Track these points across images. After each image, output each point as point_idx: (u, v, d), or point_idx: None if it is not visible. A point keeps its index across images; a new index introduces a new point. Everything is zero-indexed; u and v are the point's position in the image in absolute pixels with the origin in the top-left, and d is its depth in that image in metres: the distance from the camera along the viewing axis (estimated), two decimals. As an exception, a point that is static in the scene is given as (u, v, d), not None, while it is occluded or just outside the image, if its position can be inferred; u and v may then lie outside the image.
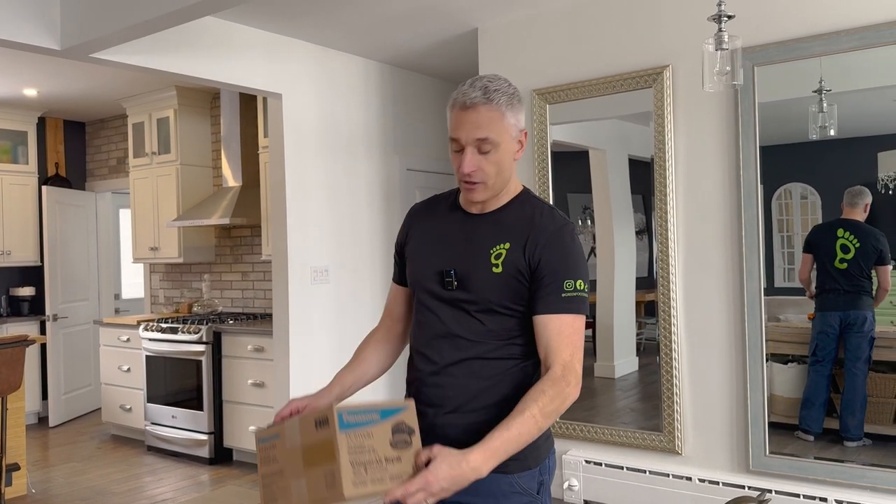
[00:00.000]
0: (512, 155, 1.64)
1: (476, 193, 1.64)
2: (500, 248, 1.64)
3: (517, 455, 1.58)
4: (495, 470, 1.55)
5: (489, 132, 1.58)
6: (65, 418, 6.49)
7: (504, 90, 1.61)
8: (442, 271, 1.68)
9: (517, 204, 1.71)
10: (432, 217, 1.80)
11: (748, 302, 3.58)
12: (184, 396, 5.32)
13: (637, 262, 4.22)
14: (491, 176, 1.61)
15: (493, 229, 1.68)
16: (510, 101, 1.61)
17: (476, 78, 1.64)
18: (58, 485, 4.77)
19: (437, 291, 1.69)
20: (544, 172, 4.22)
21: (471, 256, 1.67)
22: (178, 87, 5.84)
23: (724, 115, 3.66)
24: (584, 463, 4.04)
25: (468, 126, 1.58)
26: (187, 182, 5.97)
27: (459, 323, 1.66)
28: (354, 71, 4.96)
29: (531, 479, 1.65)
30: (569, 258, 1.62)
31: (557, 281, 1.60)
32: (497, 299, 1.63)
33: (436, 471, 1.41)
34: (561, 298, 1.59)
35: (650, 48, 3.86)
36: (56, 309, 6.36)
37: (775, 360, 3.64)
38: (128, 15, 3.18)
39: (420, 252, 1.77)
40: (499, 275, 1.63)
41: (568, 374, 1.56)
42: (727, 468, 3.66)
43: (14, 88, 5.84)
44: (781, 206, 3.62)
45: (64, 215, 6.56)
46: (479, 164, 1.59)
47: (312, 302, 4.61)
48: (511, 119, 1.61)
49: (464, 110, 1.59)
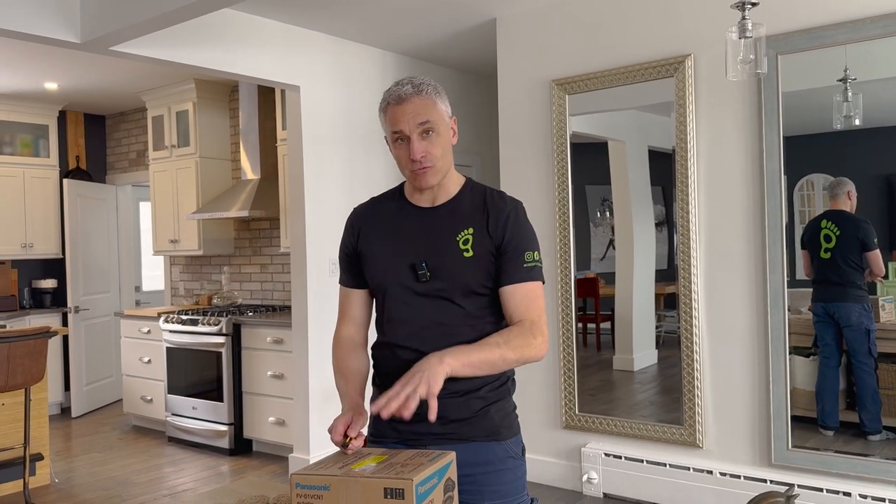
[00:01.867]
0: (449, 139, 1.76)
1: (428, 178, 1.73)
2: (466, 234, 1.74)
3: (506, 423, 1.78)
4: (490, 438, 1.75)
5: (428, 116, 1.70)
6: (87, 409, 6.56)
7: (429, 82, 1.74)
8: (413, 264, 1.74)
9: (466, 193, 1.80)
10: (382, 215, 1.84)
11: (771, 294, 3.53)
12: (204, 388, 5.35)
13: (657, 255, 4.18)
14: (438, 158, 1.72)
15: (452, 218, 1.76)
16: (437, 90, 1.74)
17: (399, 80, 1.76)
18: (80, 475, 4.82)
19: (411, 285, 1.74)
20: (563, 164, 4.19)
21: (438, 246, 1.74)
22: (196, 80, 5.85)
23: (746, 104, 3.60)
24: (604, 456, 4.01)
25: (409, 115, 1.69)
26: (206, 175, 5.99)
27: (441, 311, 1.73)
28: (372, 62, 4.94)
29: (517, 444, 1.81)
30: (526, 233, 1.76)
31: (520, 254, 1.73)
32: (476, 281, 1.73)
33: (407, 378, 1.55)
34: (524, 268, 1.73)
35: (671, 37, 3.81)
36: (78, 301, 6.42)
37: (796, 353, 3.60)
38: (146, 7, 3.18)
39: (381, 251, 1.80)
40: (472, 258, 1.72)
41: (534, 329, 1.69)
42: (749, 462, 3.63)
43: (35, 82, 5.88)
44: (804, 198, 3.57)
45: (85, 208, 6.62)
46: (426, 149, 1.70)
47: (331, 294, 4.61)
48: (441, 106, 1.74)
49: (400, 104, 1.70)
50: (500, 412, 1.77)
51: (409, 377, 1.54)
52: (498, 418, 1.76)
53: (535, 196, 4.29)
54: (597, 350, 4.63)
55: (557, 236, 4.21)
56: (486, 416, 1.74)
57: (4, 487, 4.34)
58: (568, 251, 4.19)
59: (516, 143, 4.41)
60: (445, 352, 1.59)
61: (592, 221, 4.40)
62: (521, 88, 4.37)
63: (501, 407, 1.78)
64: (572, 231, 4.19)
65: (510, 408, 1.81)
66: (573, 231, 4.19)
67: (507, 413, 1.80)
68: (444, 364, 1.56)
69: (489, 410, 1.75)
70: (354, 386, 1.80)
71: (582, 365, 4.26)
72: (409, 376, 1.54)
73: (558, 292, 4.22)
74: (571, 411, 4.19)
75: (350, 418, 1.68)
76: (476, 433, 1.74)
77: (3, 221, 6.35)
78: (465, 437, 1.73)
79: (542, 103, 4.28)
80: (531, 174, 4.33)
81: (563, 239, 4.19)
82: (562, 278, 4.21)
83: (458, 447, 1.69)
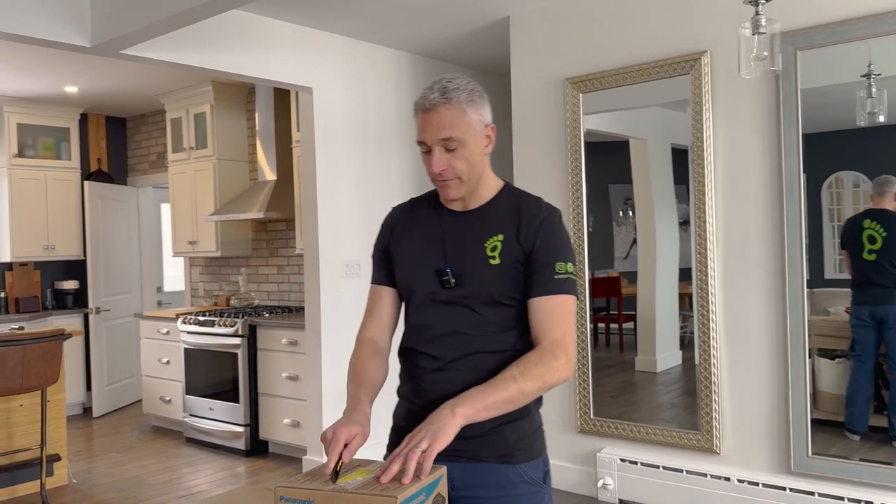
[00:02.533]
0: (481, 150, 1.66)
1: (451, 190, 1.66)
2: (495, 241, 1.66)
3: (523, 445, 1.64)
4: (503, 460, 1.62)
5: (452, 131, 1.60)
6: (108, 409, 6.63)
7: (462, 87, 1.63)
8: (439, 270, 1.68)
9: (502, 198, 1.72)
10: (416, 219, 1.79)
11: (790, 295, 3.44)
12: (221, 389, 5.37)
13: (681, 254, 4.10)
14: (463, 172, 1.63)
15: (483, 224, 1.69)
16: (470, 98, 1.63)
17: (435, 80, 1.66)
18: (98, 475, 4.86)
19: (435, 291, 1.68)
20: (577, 164, 4.12)
21: (465, 253, 1.67)
22: (213, 82, 5.87)
23: (764, 102, 3.51)
24: (619, 461, 3.94)
25: (432, 127, 1.61)
26: (224, 176, 6.01)
27: (462, 319, 1.66)
28: (385, 62, 4.92)
29: (537, 469, 1.67)
30: (559, 242, 1.65)
31: (550, 264, 1.62)
32: (500, 291, 1.64)
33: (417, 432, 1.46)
34: (554, 280, 1.62)
35: (687, 33, 3.73)
36: (99, 302, 6.49)
37: (822, 356, 3.51)
38: (155, 10, 3.18)
39: (410, 254, 1.75)
40: (498, 266, 1.64)
41: (556, 349, 1.57)
42: (767, 469, 3.54)
43: (55, 86, 5.94)
44: (832, 195, 3.46)
45: (106, 210, 6.68)
46: (448, 162, 1.62)
47: (344, 295, 4.59)
48: (473, 115, 1.63)
49: (426, 113, 1.62)
50: (516, 432, 1.64)
51: (415, 432, 1.45)
52: (513, 439, 1.63)
53: (548, 196, 4.17)
54: (619, 351, 4.56)
55: (572, 234, 4.15)
56: (500, 435, 1.63)
57: (23, 487, 4.39)
58: (582, 251, 4.13)
59: (530, 143, 4.35)
60: (458, 400, 1.49)
61: (615, 220, 4.34)
62: (535, 87, 4.32)
63: (519, 427, 1.64)
64: (586, 231, 4.13)
65: (530, 428, 1.67)
66: (587, 230, 4.13)
67: (526, 434, 1.66)
68: (457, 416, 1.46)
69: (503, 429, 1.62)
70: (367, 394, 1.67)
71: (603, 366, 4.19)
72: (416, 431, 1.46)
73: (573, 294, 4.15)
74: (586, 415, 4.13)
75: (352, 433, 1.52)
76: (486, 453, 1.63)
77: (25, 223, 6.43)
78: (474, 457, 1.63)
79: (555, 102, 4.21)
80: (545, 174, 4.27)
81: (577, 239, 4.13)
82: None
83: (467, 466, 1.62)
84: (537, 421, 1.70)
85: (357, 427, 1.54)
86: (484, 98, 1.67)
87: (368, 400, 1.66)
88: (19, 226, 6.39)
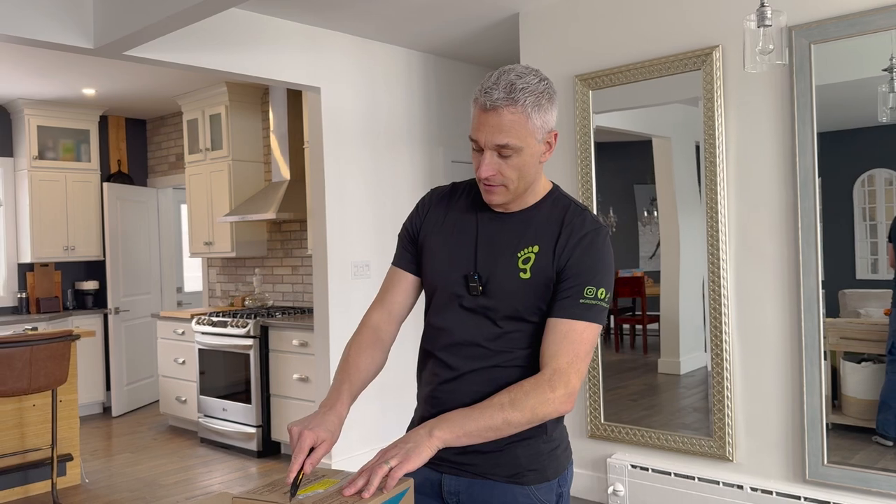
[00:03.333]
0: (537, 158, 1.51)
1: (494, 197, 1.52)
2: (529, 252, 1.52)
3: (535, 465, 1.53)
4: (512, 480, 1.52)
5: (510, 138, 1.44)
6: (127, 409, 6.68)
7: (532, 89, 1.45)
8: (466, 275, 1.55)
9: (547, 204, 1.57)
10: (453, 209, 1.64)
11: (805, 298, 3.32)
12: (234, 390, 5.37)
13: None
14: (512, 180, 1.49)
15: (521, 231, 1.55)
16: (537, 102, 1.45)
17: (504, 70, 1.48)
18: (110, 475, 4.89)
19: (462, 296, 1.56)
20: (587, 163, 4.03)
21: (496, 260, 1.54)
22: (228, 83, 5.88)
23: (778, 97, 3.39)
24: (630, 467, 3.85)
25: (489, 129, 1.45)
26: (239, 177, 6.02)
27: (481, 330, 1.55)
28: (394, 62, 4.87)
29: (549, 492, 1.56)
30: (597, 264, 1.50)
31: (579, 285, 1.48)
32: (525, 307, 1.52)
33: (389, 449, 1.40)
34: (578, 304, 1.47)
35: (698, 28, 3.62)
36: (118, 302, 6.54)
37: (848, 359, 3.38)
38: (153, 11, 3.17)
39: (440, 250, 1.62)
40: (527, 281, 1.51)
41: (556, 379, 1.44)
42: (782, 477, 3.42)
43: (73, 88, 6.00)
44: (864, 194, 3.33)
45: (125, 211, 6.73)
46: (498, 169, 1.48)
47: (353, 296, 4.56)
48: (537, 121, 1.46)
49: (485, 112, 1.45)
50: (528, 451, 1.53)
51: (389, 448, 1.38)
52: (525, 458, 1.53)
53: (558, 196, 4.14)
54: (643, 352, 4.46)
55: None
56: (510, 454, 1.53)
57: (35, 487, 4.43)
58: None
59: (540, 142, 4.26)
60: (438, 422, 1.41)
61: (640, 221, 4.24)
62: (545, 85, 4.23)
63: (533, 446, 1.54)
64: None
65: (546, 447, 1.55)
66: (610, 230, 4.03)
67: (540, 454, 1.54)
68: (434, 438, 1.37)
69: (515, 448, 1.52)
70: (349, 390, 1.57)
71: (626, 368, 4.10)
72: (390, 446, 1.39)
73: (583, 296, 4.06)
74: (597, 420, 4.04)
75: (318, 439, 1.43)
76: (495, 471, 1.53)
77: (46, 225, 6.51)
78: (482, 473, 1.54)
79: (565, 99, 4.13)
80: (555, 173, 4.19)
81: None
82: (586, 281, 4.05)
83: (473, 482, 1.55)
84: (556, 440, 1.58)
85: (325, 433, 1.46)
86: (553, 101, 1.49)
87: (350, 397, 1.57)
88: (40, 227, 6.47)
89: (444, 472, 1.58)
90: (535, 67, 1.51)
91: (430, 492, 1.61)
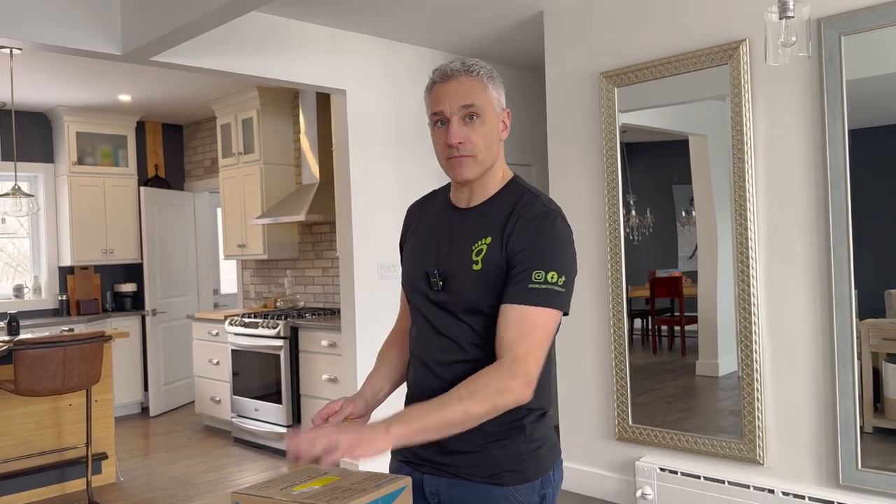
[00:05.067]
0: (497, 132, 1.55)
1: (464, 168, 1.53)
2: (482, 244, 1.53)
3: (514, 466, 1.51)
4: (490, 481, 1.51)
5: (474, 99, 1.51)
6: (164, 409, 6.81)
7: (482, 65, 1.55)
8: (427, 272, 1.59)
9: (504, 194, 1.58)
10: (426, 214, 1.71)
11: (836, 298, 3.22)
12: (265, 390, 5.43)
13: None
14: (480, 149, 1.52)
15: (477, 224, 1.56)
16: (490, 74, 1.55)
17: (451, 59, 1.59)
18: (145, 474, 4.98)
19: (426, 292, 1.60)
20: (612, 161, 3.98)
21: (453, 254, 1.57)
22: (259, 87, 5.96)
23: (807, 92, 3.30)
24: (659, 471, 3.78)
25: (452, 95, 1.51)
26: (270, 180, 6.09)
27: (448, 326, 1.56)
28: (419, 62, 4.87)
29: (531, 493, 1.54)
30: (546, 247, 1.47)
31: (528, 270, 1.46)
32: (480, 299, 1.51)
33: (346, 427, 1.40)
34: (528, 289, 1.44)
35: (725, 21, 3.55)
36: (155, 304, 6.67)
37: (891, 361, 3.28)
38: (176, 16, 3.22)
39: (410, 252, 1.69)
40: (478, 272, 1.51)
41: (515, 367, 1.41)
42: (814, 482, 3.33)
43: (109, 95, 6.14)
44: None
45: (162, 215, 6.87)
46: (466, 135, 1.51)
47: (379, 298, 4.57)
48: (493, 92, 1.54)
49: (445, 81, 1.53)
50: (505, 451, 1.52)
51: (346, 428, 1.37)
52: (503, 459, 1.51)
53: (585, 194, 4.10)
54: (681, 354, 4.38)
55: (608, 234, 4.01)
56: (486, 454, 1.51)
57: (71, 485, 4.53)
58: (619, 251, 3.98)
59: (565, 140, 4.23)
60: (395, 418, 1.37)
61: (679, 221, 4.18)
62: (569, 82, 4.19)
63: (509, 446, 1.52)
64: (622, 229, 3.98)
65: (526, 448, 1.53)
66: (623, 228, 3.98)
67: (519, 454, 1.52)
68: (390, 435, 1.34)
69: (491, 448, 1.51)
70: (377, 374, 1.75)
71: (663, 370, 4.04)
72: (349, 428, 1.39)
73: (609, 297, 4.01)
74: (624, 422, 3.98)
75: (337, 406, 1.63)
76: (471, 471, 1.53)
77: (85, 229, 6.67)
78: (461, 474, 1.54)
79: (590, 97, 4.08)
80: (581, 172, 4.15)
81: (614, 238, 3.99)
82: (612, 281, 4.00)
83: (453, 483, 1.55)
84: (538, 440, 1.55)
85: (347, 402, 1.65)
86: (501, 81, 1.59)
87: (371, 383, 1.73)
88: (79, 231, 6.63)
89: (424, 473, 1.58)
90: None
91: (414, 492, 1.59)
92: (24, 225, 6.83)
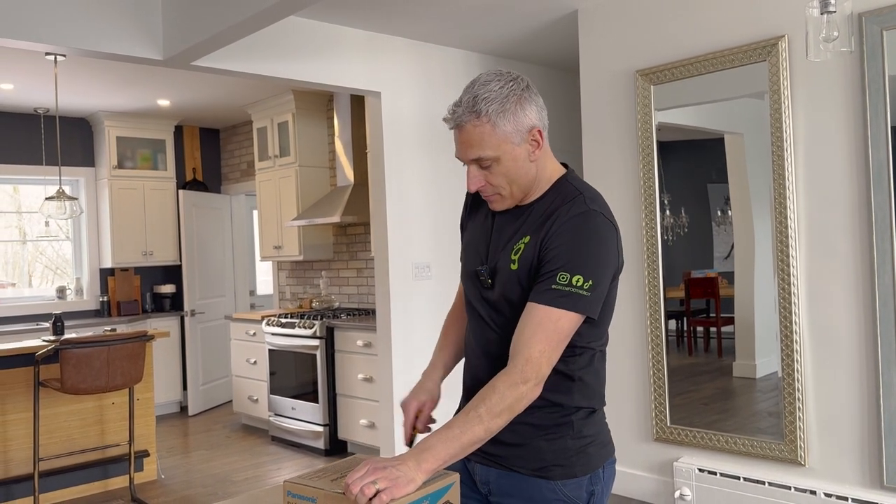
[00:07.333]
0: (524, 159, 1.52)
1: (496, 205, 1.60)
2: (521, 243, 1.55)
3: (562, 461, 1.53)
4: (536, 474, 1.54)
5: (481, 150, 1.49)
6: (202, 408, 6.92)
7: (493, 97, 1.47)
8: (477, 270, 1.63)
9: (550, 194, 1.58)
10: (481, 206, 1.74)
11: (880, 297, 3.17)
12: (302, 389, 5.49)
13: None
14: (503, 187, 1.54)
15: (519, 223, 1.59)
16: (502, 108, 1.47)
17: (471, 83, 1.52)
18: (185, 471, 5.07)
19: (477, 287, 1.65)
20: (649, 160, 3.96)
21: (497, 253, 1.60)
22: (294, 91, 6.03)
23: (849, 89, 3.26)
24: (697, 471, 3.75)
25: (461, 146, 1.52)
26: (306, 182, 6.17)
27: (495, 321, 1.60)
28: (453, 64, 4.89)
29: (578, 488, 1.55)
30: (575, 249, 1.46)
31: (554, 271, 1.46)
32: (517, 298, 1.53)
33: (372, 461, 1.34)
34: (551, 289, 1.45)
35: (763, 17, 3.51)
36: (194, 305, 6.78)
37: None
38: (219, 20, 3.28)
39: (466, 247, 1.74)
40: (514, 272, 1.54)
41: (527, 370, 1.43)
42: (858, 483, 3.27)
43: (148, 99, 6.26)
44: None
45: (200, 217, 6.98)
46: (484, 179, 1.54)
47: (415, 298, 4.60)
48: (507, 127, 1.48)
49: (455, 129, 1.53)
50: (552, 446, 1.54)
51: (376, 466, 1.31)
52: (549, 453, 1.54)
53: (620, 194, 4.08)
54: (718, 356, 4.34)
55: (644, 235, 3.99)
56: (534, 447, 1.54)
57: (114, 481, 4.63)
58: (655, 251, 3.96)
59: (600, 139, 4.22)
60: (421, 452, 1.35)
61: (714, 220, 4.14)
62: (604, 81, 4.18)
63: (558, 442, 1.54)
64: (659, 228, 3.96)
65: (574, 444, 1.55)
66: (660, 227, 3.95)
67: (567, 449, 1.54)
68: (421, 471, 1.32)
69: (538, 441, 1.54)
70: (443, 358, 1.79)
71: (700, 371, 4.00)
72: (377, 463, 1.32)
73: (646, 298, 3.99)
74: (662, 423, 3.95)
75: (420, 403, 1.69)
76: (520, 464, 1.55)
77: (125, 231, 6.81)
78: (509, 465, 1.57)
79: (626, 95, 4.07)
80: (616, 172, 4.13)
81: (650, 238, 3.96)
82: (649, 281, 3.98)
83: (502, 473, 1.57)
84: (588, 437, 1.57)
85: (425, 396, 1.71)
86: (523, 101, 1.49)
87: (443, 364, 1.78)
88: (119, 234, 6.77)
89: (476, 462, 1.61)
90: (505, 70, 1.53)
91: (464, 479, 1.64)
92: (65, 228, 6.99)
